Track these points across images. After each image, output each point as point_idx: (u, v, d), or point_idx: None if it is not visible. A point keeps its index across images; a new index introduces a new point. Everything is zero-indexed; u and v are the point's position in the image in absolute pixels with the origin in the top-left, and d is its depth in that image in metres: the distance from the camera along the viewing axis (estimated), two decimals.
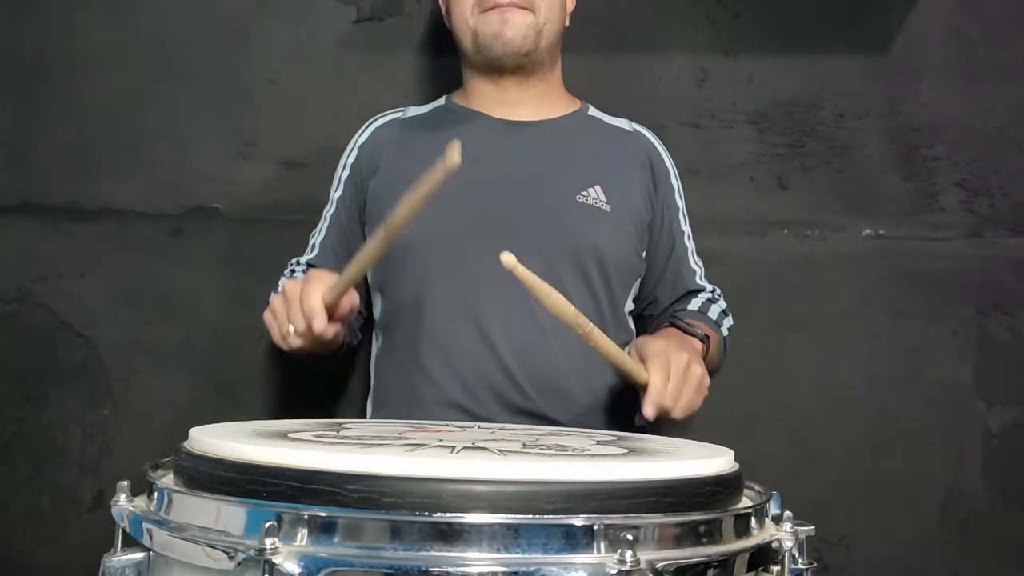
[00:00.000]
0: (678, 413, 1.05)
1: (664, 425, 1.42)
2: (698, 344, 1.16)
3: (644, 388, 1.03)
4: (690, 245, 1.35)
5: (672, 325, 1.21)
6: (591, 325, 0.98)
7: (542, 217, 1.22)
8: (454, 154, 0.87)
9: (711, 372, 1.23)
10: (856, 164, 1.51)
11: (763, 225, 1.51)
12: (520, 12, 1.23)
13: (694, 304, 1.30)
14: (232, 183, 1.52)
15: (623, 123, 1.37)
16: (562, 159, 1.28)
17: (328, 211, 1.34)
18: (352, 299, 1.04)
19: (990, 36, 1.50)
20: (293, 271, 1.33)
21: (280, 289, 1.09)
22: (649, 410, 1.02)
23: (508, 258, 0.90)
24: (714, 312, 1.30)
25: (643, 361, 1.05)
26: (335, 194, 1.34)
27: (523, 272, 0.91)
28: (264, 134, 1.53)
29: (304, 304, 1.01)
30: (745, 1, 1.53)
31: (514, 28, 1.23)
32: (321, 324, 1.00)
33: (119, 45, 1.53)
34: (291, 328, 1.03)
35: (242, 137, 1.52)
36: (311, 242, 1.34)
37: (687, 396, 1.05)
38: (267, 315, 1.08)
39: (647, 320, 1.35)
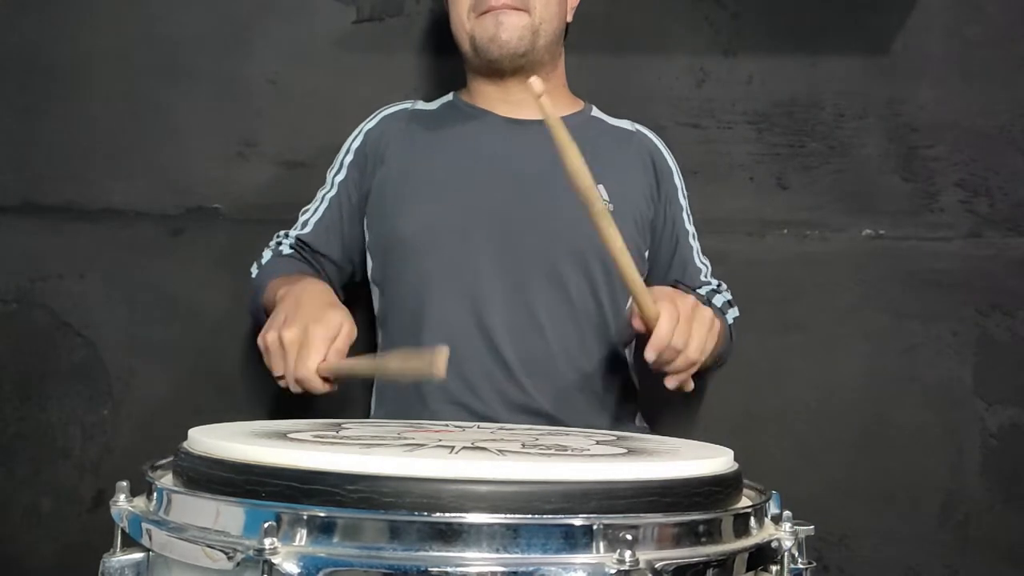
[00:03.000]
0: (693, 353, 1.02)
1: (666, 423, 1.42)
2: (707, 310, 1.14)
3: (647, 321, 1.00)
4: (695, 244, 1.35)
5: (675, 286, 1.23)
6: (604, 207, 0.95)
7: (545, 215, 1.22)
8: (440, 364, 0.88)
9: (717, 361, 1.24)
10: (856, 164, 1.51)
11: (763, 225, 1.51)
12: (515, 13, 1.23)
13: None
14: (232, 183, 1.52)
15: (626, 124, 1.38)
16: None
17: (327, 192, 1.33)
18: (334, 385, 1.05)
19: (990, 36, 1.50)
20: (279, 243, 1.32)
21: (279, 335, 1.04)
22: (650, 353, 1.00)
23: (537, 83, 0.87)
24: (718, 301, 1.30)
25: None
26: (335, 176, 1.33)
27: (548, 105, 0.88)
28: (264, 134, 1.53)
29: (299, 378, 1.01)
30: (745, 1, 1.53)
31: (509, 30, 1.23)
32: (320, 390, 1.02)
33: (119, 45, 1.53)
34: (283, 376, 1.04)
35: (242, 137, 1.52)
36: (302, 219, 1.33)
37: (698, 335, 1.02)
38: (261, 345, 1.06)
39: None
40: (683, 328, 1.01)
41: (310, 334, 1.01)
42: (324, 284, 1.20)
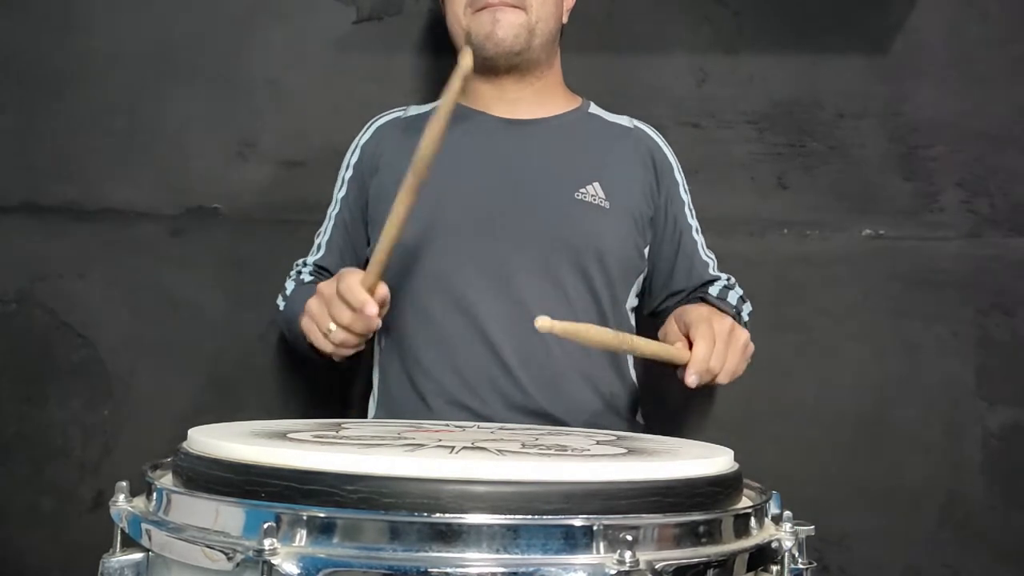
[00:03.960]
0: (723, 378, 1.06)
1: (667, 423, 1.42)
2: (743, 332, 1.16)
3: (685, 367, 1.04)
4: (699, 239, 1.34)
5: (703, 302, 1.24)
6: (630, 337, 1.02)
7: (540, 215, 1.22)
8: (467, 59, 0.92)
9: None
10: (856, 164, 1.51)
11: (763, 225, 1.51)
12: (511, 11, 1.23)
13: (713, 290, 1.30)
14: (232, 183, 1.52)
15: (624, 120, 1.37)
16: (561, 157, 1.28)
17: (332, 211, 1.34)
18: (385, 290, 1.04)
19: (990, 36, 1.50)
20: (300, 272, 1.33)
21: (318, 290, 1.08)
22: (692, 378, 1.02)
23: (543, 322, 0.92)
24: (732, 298, 1.30)
25: (687, 327, 1.08)
26: (339, 194, 1.34)
27: (562, 328, 0.94)
28: (264, 134, 1.53)
29: (347, 295, 1.00)
30: (745, 1, 1.52)
31: (505, 28, 1.23)
32: (373, 308, 0.98)
33: (119, 45, 1.53)
34: (332, 326, 1.02)
35: (242, 137, 1.52)
36: (316, 242, 1.34)
37: (732, 359, 1.06)
38: (305, 321, 1.08)
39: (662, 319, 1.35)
40: (719, 351, 1.05)
41: (340, 274, 1.04)
42: None
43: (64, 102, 1.53)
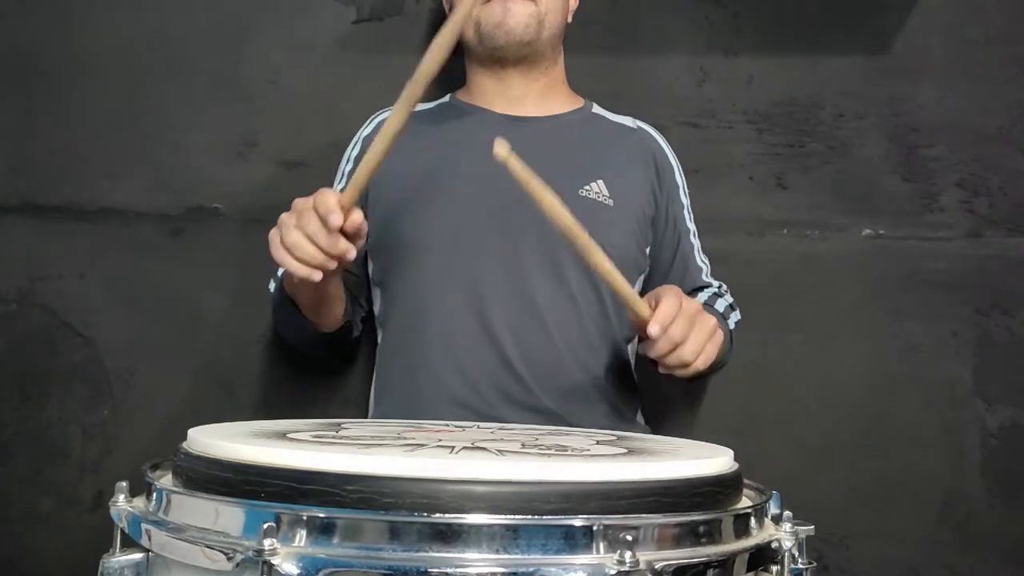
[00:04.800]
0: (689, 353, 1.02)
1: (666, 424, 1.42)
2: (712, 318, 1.15)
3: (643, 325, 0.99)
4: (695, 243, 1.35)
5: None
6: (588, 237, 0.94)
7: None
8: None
9: (717, 365, 1.24)
10: (856, 164, 1.51)
11: (763, 225, 1.51)
12: (522, 2, 1.23)
13: (700, 298, 1.30)
14: (232, 183, 1.52)
15: (627, 120, 1.38)
16: (564, 154, 1.28)
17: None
18: (361, 218, 0.99)
19: (990, 36, 1.50)
20: None
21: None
22: (654, 327, 0.97)
23: (501, 148, 0.87)
24: (720, 305, 1.30)
25: (655, 298, 1.02)
26: (338, 187, 1.34)
27: (516, 165, 0.88)
28: (264, 134, 1.53)
29: (318, 203, 0.95)
30: (745, 1, 1.52)
31: (516, 17, 1.23)
32: (337, 220, 0.93)
33: (119, 45, 1.53)
34: (295, 238, 0.96)
35: (242, 137, 1.52)
36: None
37: (699, 336, 1.02)
38: (272, 230, 1.01)
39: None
40: (682, 322, 1.00)
41: (319, 191, 0.98)
42: None
43: (64, 102, 1.52)
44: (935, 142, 1.50)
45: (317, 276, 0.99)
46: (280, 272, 1.30)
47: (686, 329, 1.01)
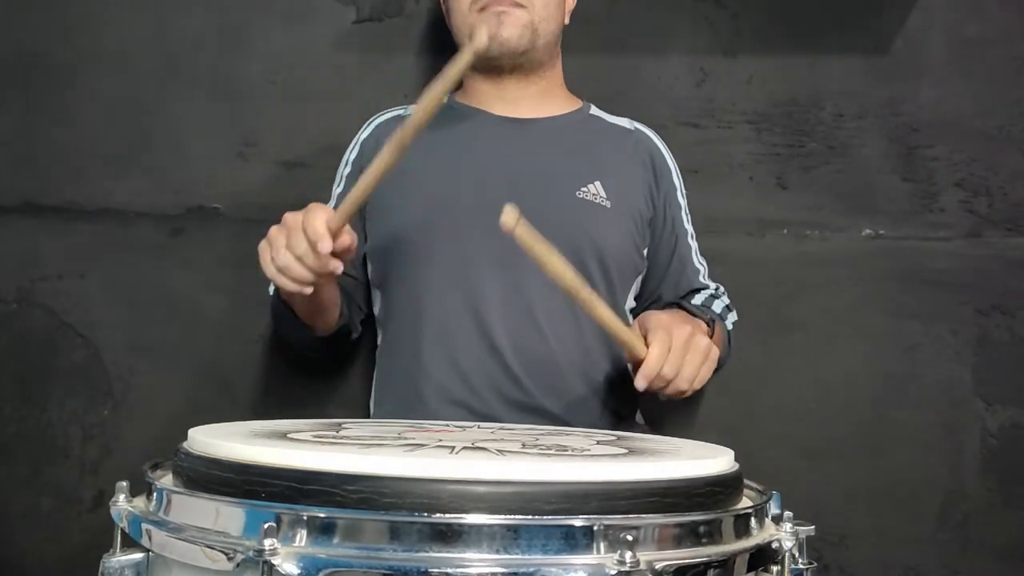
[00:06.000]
0: (683, 384, 1.03)
1: (666, 424, 1.42)
2: (704, 326, 1.15)
3: (641, 362, 1.01)
4: (693, 244, 1.35)
5: (679, 307, 1.22)
6: (590, 291, 0.97)
7: (542, 213, 1.21)
8: (481, 36, 0.89)
9: (716, 366, 1.24)
10: (856, 164, 1.51)
11: (763, 225, 1.51)
12: (515, 10, 1.23)
13: (697, 300, 1.31)
14: (232, 183, 1.52)
15: (624, 122, 1.38)
16: (562, 156, 1.28)
17: (330, 206, 1.34)
18: (352, 236, 1.00)
19: (990, 36, 1.50)
20: None
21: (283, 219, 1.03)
22: (640, 381, 1.00)
23: (509, 217, 0.88)
24: (717, 307, 1.30)
25: (644, 334, 1.04)
26: (337, 190, 1.34)
27: (523, 234, 0.90)
28: (264, 134, 1.53)
29: (307, 227, 0.96)
30: (745, 1, 1.52)
31: (509, 28, 1.23)
32: (326, 246, 0.95)
33: (119, 45, 1.53)
34: (284, 259, 0.98)
35: (242, 137, 1.52)
36: None
37: (691, 365, 1.03)
38: (262, 244, 1.02)
39: None
40: (674, 359, 1.01)
41: (308, 208, 0.99)
42: None
43: (64, 102, 1.53)
44: (935, 142, 1.50)
45: (308, 290, 1.01)
46: None
47: (678, 364, 1.02)
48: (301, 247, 0.97)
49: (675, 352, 1.02)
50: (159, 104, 1.52)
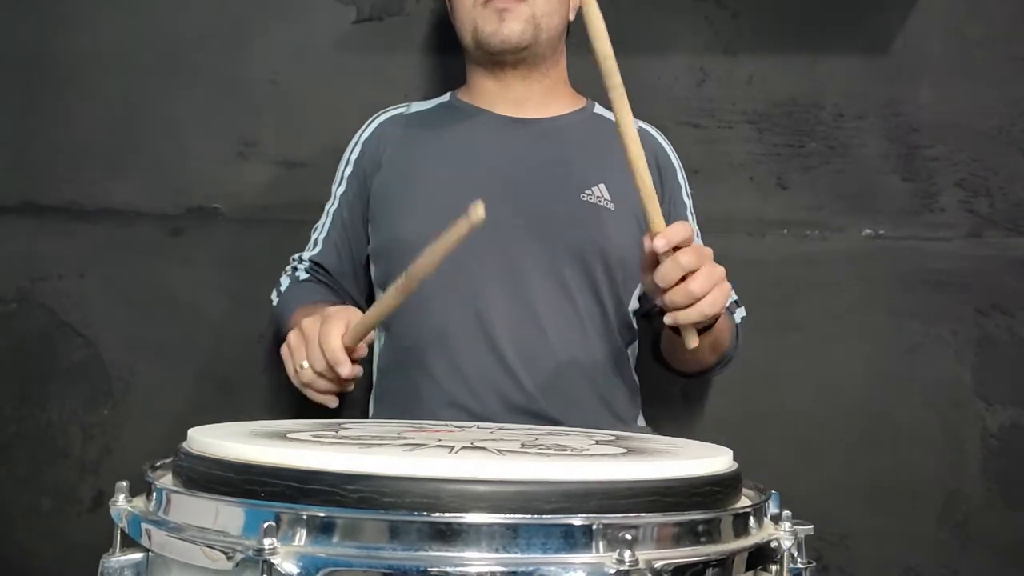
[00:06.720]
0: (697, 288, 0.94)
1: (667, 423, 1.42)
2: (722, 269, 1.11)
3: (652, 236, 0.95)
4: (698, 243, 1.34)
5: None
6: (619, 81, 0.97)
7: (545, 216, 1.22)
8: (479, 210, 0.88)
9: (724, 357, 1.24)
10: (856, 164, 1.51)
11: (763, 225, 1.51)
12: (518, 5, 1.23)
13: None
14: (232, 183, 1.52)
15: None
16: (566, 157, 1.28)
17: (330, 207, 1.34)
18: (364, 351, 1.03)
19: (990, 36, 1.50)
20: (295, 268, 1.33)
21: (299, 326, 1.05)
22: (660, 241, 0.93)
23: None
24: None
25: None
26: (337, 190, 1.34)
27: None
28: (264, 134, 1.53)
29: (325, 348, 0.99)
30: (745, 1, 1.52)
31: (511, 24, 1.23)
32: (347, 371, 0.99)
33: (119, 45, 1.53)
34: (304, 363, 1.02)
35: (242, 137, 1.52)
36: (313, 237, 1.34)
37: (708, 275, 0.95)
38: (284, 350, 1.06)
39: (658, 317, 1.34)
40: (692, 254, 0.94)
41: (328, 314, 1.02)
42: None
43: (64, 102, 1.53)
44: (935, 142, 1.50)
45: (333, 403, 1.06)
46: (284, 288, 1.30)
47: (696, 261, 0.94)
48: (320, 364, 1.01)
49: (696, 249, 0.96)
50: (159, 104, 1.52)
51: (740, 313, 1.32)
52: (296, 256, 1.35)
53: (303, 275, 1.31)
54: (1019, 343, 1.47)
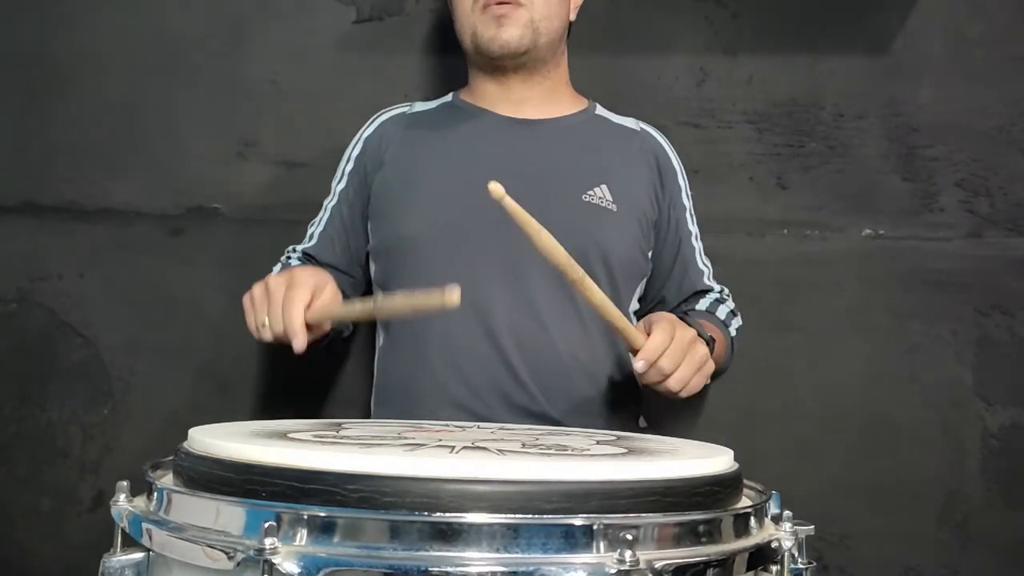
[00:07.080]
0: (675, 384, 1.03)
1: (667, 423, 1.42)
2: (704, 348, 1.15)
3: (636, 352, 1.01)
4: (697, 245, 1.34)
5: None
6: (583, 272, 0.95)
7: (547, 216, 1.21)
8: (454, 296, 0.87)
9: (717, 373, 1.23)
10: (856, 164, 1.51)
11: (763, 225, 1.51)
12: (516, 10, 1.23)
13: (702, 304, 1.30)
14: (232, 183, 1.52)
15: (630, 122, 1.37)
16: (568, 158, 1.28)
17: (329, 202, 1.34)
18: (322, 333, 1.05)
19: (990, 36, 1.50)
20: (288, 257, 1.33)
21: (266, 281, 1.05)
22: (640, 363, 1.00)
23: (496, 188, 0.87)
24: (722, 312, 1.30)
25: (649, 325, 1.04)
26: (337, 186, 1.34)
27: (512, 205, 0.88)
28: (264, 134, 1.53)
29: (285, 316, 0.99)
30: (745, 1, 1.52)
31: (509, 30, 1.23)
32: (300, 344, 0.99)
33: (119, 45, 1.53)
34: (266, 321, 1.01)
35: (242, 137, 1.52)
36: (309, 231, 1.34)
37: (687, 368, 1.03)
38: (246, 300, 1.06)
39: None
40: (674, 353, 1.01)
41: (296, 278, 1.02)
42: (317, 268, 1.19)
43: (64, 102, 1.53)
44: (935, 142, 1.50)
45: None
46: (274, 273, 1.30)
47: (676, 360, 1.02)
48: (278, 327, 1.01)
49: (676, 347, 1.02)
50: (159, 104, 1.52)
51: (736, 323, 1.31)
52: (291, 247, 1.34)
53: (295, 263, 1.31)
54: (1019, 343, 1.47)
